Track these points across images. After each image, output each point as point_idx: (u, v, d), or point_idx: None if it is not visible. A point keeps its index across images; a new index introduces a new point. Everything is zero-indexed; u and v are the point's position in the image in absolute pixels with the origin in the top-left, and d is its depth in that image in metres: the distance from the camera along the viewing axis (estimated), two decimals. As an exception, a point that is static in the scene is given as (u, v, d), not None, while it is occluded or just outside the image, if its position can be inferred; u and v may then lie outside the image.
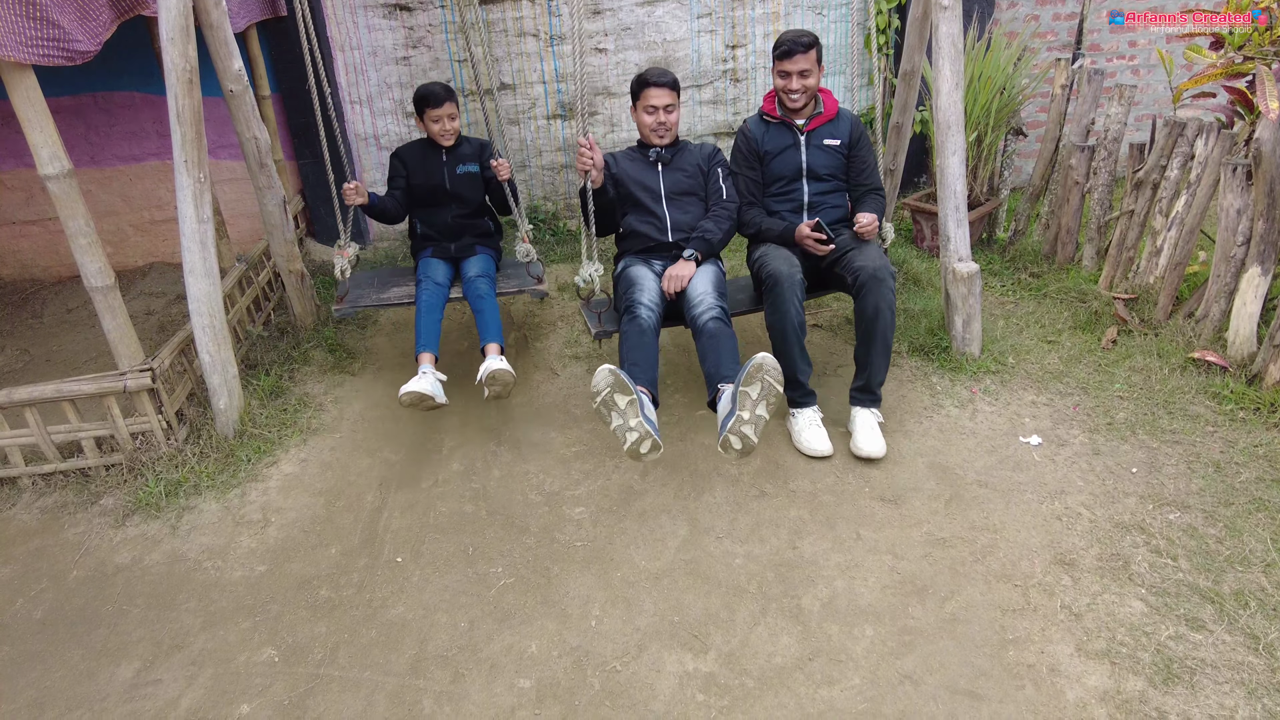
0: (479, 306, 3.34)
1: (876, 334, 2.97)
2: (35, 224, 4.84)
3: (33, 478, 3.11)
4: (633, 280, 3.08)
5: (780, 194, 3.29)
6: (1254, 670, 2.08)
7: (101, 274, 2.90)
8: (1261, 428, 2.96)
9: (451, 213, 3.58)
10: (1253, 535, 2.49)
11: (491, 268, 3.56)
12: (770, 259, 3.05)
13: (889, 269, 2.97)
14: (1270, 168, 3.04)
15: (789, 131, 3.25)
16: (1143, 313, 3.71)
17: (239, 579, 2.64)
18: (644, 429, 2.52)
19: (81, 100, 4.56)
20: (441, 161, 3.54)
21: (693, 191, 3.29)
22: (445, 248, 3.58)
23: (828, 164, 3.24)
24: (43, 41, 2.57)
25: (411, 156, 3.58)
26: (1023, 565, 2.48)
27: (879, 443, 2.96)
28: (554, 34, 4.85)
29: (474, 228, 3.64)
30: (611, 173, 3.24)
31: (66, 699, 2.24)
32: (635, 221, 3.27)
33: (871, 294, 2.93)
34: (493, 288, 3.43)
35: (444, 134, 3.47)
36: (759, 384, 2.49)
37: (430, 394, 2.98)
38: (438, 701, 2.17)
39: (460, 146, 3.57)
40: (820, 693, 2.12)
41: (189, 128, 2.93)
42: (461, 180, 3.56)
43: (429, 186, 3.55)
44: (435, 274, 3.44)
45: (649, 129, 3.20)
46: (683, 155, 3.31)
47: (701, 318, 2.89)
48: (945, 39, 3.37)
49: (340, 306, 3.46)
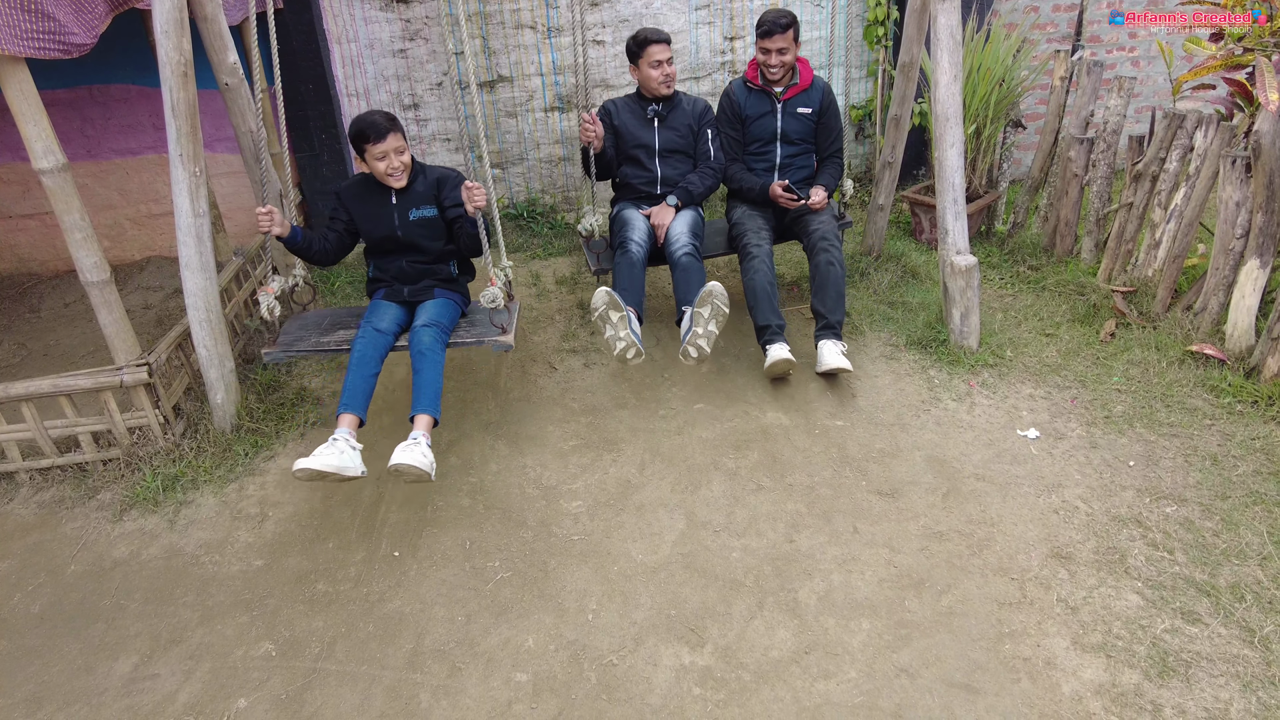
0: (417, 365, 2.85)
1: (829, 283, 3.41)
2: (32, 218, 4.83)
3: (30, 472, 3.11)
4: (625, 221, 3.56)
5: (756, 154, 3.72)
6: (1249, 663, 2.08)
7: (97, 268, 2.89)
8: (1259, 421, 2.96)
9: (406, 259, 3.12)
10: (1249, 529, 2.49)
11: (446, 315, 3.04)
12: (745, 229, 3.58)
13: (835, 232, 3.53)
14: (1270, 160, 3.03)
15: (767, 98, 3.63)
16: (1141, 306, 3.70)
17: (236, 573, 2.64)
18: (630, 339, 3.11)
19: (77, 93, 4.55)
20: (391, 204, 3.03)
21: (683, 150, 3.71)
22: (398, 290, 3.13)
23: (799, 130, 3.66)
24: (37, 34, 2.56)
25: (353, 199, 3.08)
26: (1019, 559, 2.48)
27: (840, 359, 3.27)
28: (551, 26, 4.83)
29: (433, 273, 3.16)
30: (613, 124, 3.66)
31: (64, 693, 2.24)
32: (630, 174, 3.72)
33: (822, 252, 3.45)
34: (440, 341, 2.93)
35: (391, 174, 2.94)
36: (709, 306, 3.12)
37: (335, 470, 2.54)
38: (435, 695, 2.17)
39: (413, 185, 3.04)
40: (817, 686, 2.12)
41: (184, 121, 2.91)
42: (415, 227, 3.05)
43: (377, 236, 3.09)
44: (379, 319, 2.98)
45: (657, 82, 3.53)
46: (677, 112, 3.67)
47: (677, 253, 3.41)
48: (944, 31, 3.35)
49: (271, 350, 3.04)
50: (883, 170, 4.19)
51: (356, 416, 2.77)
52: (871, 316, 3.88)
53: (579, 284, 4.43)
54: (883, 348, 3.65)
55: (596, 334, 3.92)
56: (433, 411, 2.78)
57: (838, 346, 3.33)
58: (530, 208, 5.23)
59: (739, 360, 3.62)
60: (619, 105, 3.69)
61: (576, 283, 4.44)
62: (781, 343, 3.33)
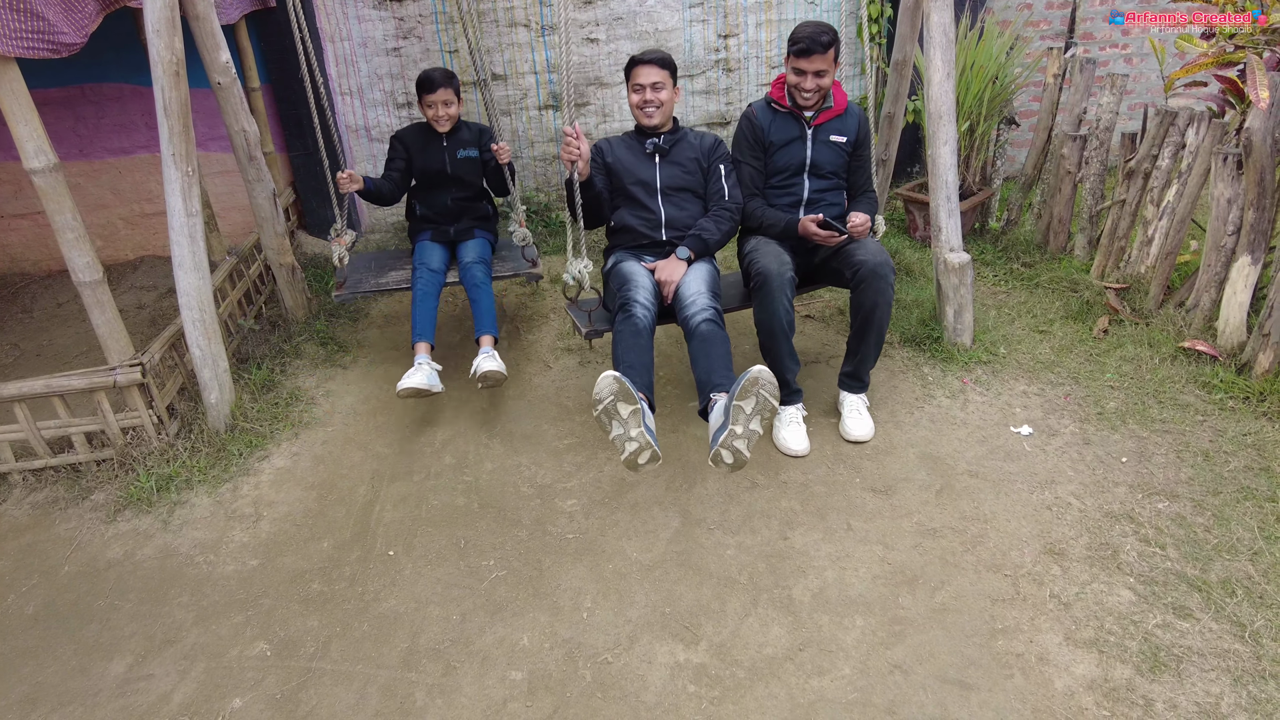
0: (474, 296, 3.39)
1: (873, 327, 2.98)
2: (24, 217, 4.81)
3: (23, 473, 3.10)
4: (626, 276, 2.93)
5: (780, 187, 3.17)
6: (1240, 658, 2.10)
7: (90, 268, 2.88)
8: (1250, 417, 2.97)
9: (451, 195, 3.65)
10: (1240, 524, 2.51)
11: (488, 252, 3.62)
12: (760, 255, 2.96)
13: (890, 265, 2.95)
14: (1261, 157, 3.04)
15: (796, 123, 3.11)
16: (1134, 302, 3.72)
17: (231, 573, 2.64)
18: (644, 439, 2.40)
19: (69, 92, 4.53)
20: (442, 146, 3.59)
21: (690, 188, 3.14)
22: (444, 231, 3.64)
23: (832, 161, 3.14)
24: (27, 34, 2.55)
25: (413, 140, 3.63)
26: (1013, 555, 2.49)
27: (868, 426, 3.06)
28: (545, 24, 4.83)
29: (472, 210, 3.71)
30: (605, 162, 3.12)
31: (58, 694, 2.24)
32: (628, 216, 3.13)
33: (871, 289, 2.92)
34: (488, 274, 3.49)
35: (439, 120, 3.51)
36: (754, 398, 2.36)
37: (426, 386, 3.07)
38: (430, 694, 2.17)
39: (459, 131, 3.61)
40: (811, 683, 2.13)
41: (176, 120, 2.91)
42: (461, 164, 3.62)
43: (429, 171, 3.61)
44: (430, 260, 3.48)
45: (636, 108, 3.07)
46: (681, 146, 3.14)
47: (694, 319, 2.76)
48: (937, 28, 3.36)
49: (340, 292, 3.49)
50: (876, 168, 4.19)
51: (428, 343, 3.25)
52: (866, 314, 3.89)
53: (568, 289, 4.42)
54: (877, 345, 3.66)
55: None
56: (494, 331, 3.33)
57: (863, 403, 3.10)
58: (524, 206, 5.22)
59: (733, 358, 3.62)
60: (611, 142, 3.18)
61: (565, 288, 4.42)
62: (799, 409, 3.04)
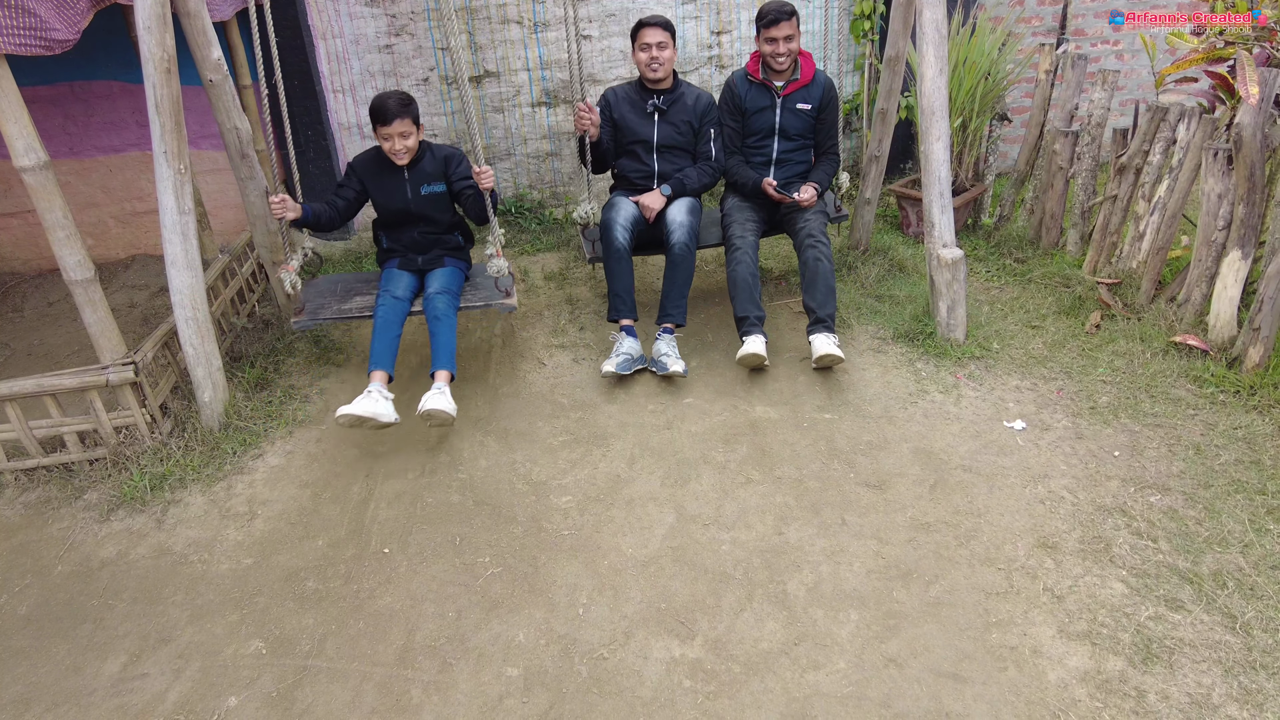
0: (433, 328, 3.21)
1: (818, 279, 3.45)
2: (14, 216, 4.78)
3: (15, 473, 3.09)
4: (614, 204, 3.63)
5: (754, 147, 3.77)
6: (1231, 649, 2.11)
7: (81, 267, 2.86)
8: (1241, 410, 2.99)
9: (417, 230, 3.42)
10: (1231, 516, 2.52)
11: (456, 283, 3.41)
12: (733, 221, 3.65)
13: (823, 228, 3.59)
14: (1251, 152, 3.06)
15: (767, 93, 3.67)
16: (1126, 297, 3.73)
17: (226, 572, 2.63)
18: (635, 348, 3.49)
19: (59, 90, 4.50)
20: (403, 179, 3.31)
21: (682, 146, 3.72)
22: (412, 259, 3.45)
23: (798, 126, 3.70)
24: (18, 30, 2.53)
25: (368, 171, 3.35)
26: (1006, 549, 2.50)
27: (834, 347, 3.29)
28: (538, 21, 4.82)
29: (443, 243, 3.49)
30: (612, 117, 3.67)
31: (53, 694, 2.23)
32: (627, 167, 3.75)
33: (810, 249, 3.51)
34: (452, 306, 3.29)
35: (395, 154, 3.21)
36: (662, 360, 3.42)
37: (371, 415, 2.91)
38: (426, 691, 2.17)
39: (421, 163, 3.31)
40: (806, 677, 2.14)
41: (168, 118, 2.89)
42: (425, 201, 3.35)
43: (389, 208, 3.37)
44: (395, 287, 3.29)
45: (644, 65, 3.56)
46: (678, 106, 3.65)
47: (672, 238, 3.53)
48: (929, 24, 3.37)
49: (298, 319, 3.35)
50: (869, 164, 4.21)
51: (386, 372, 3.14)
52: (859, 310, 3.90)
53: (567, 279, 4.43)
54: (870, 341, 3.67)
55: (586, 330, 3.94)
56: (450, 367, 3.17)
57: (830, 338, 3.35)
58: (518, 203, 5.22)
59: (728, 355, 3.63)
60: (619, 95, 3.70)
61: (565, 278, 4.44)
62: (758, 335, 3.38)
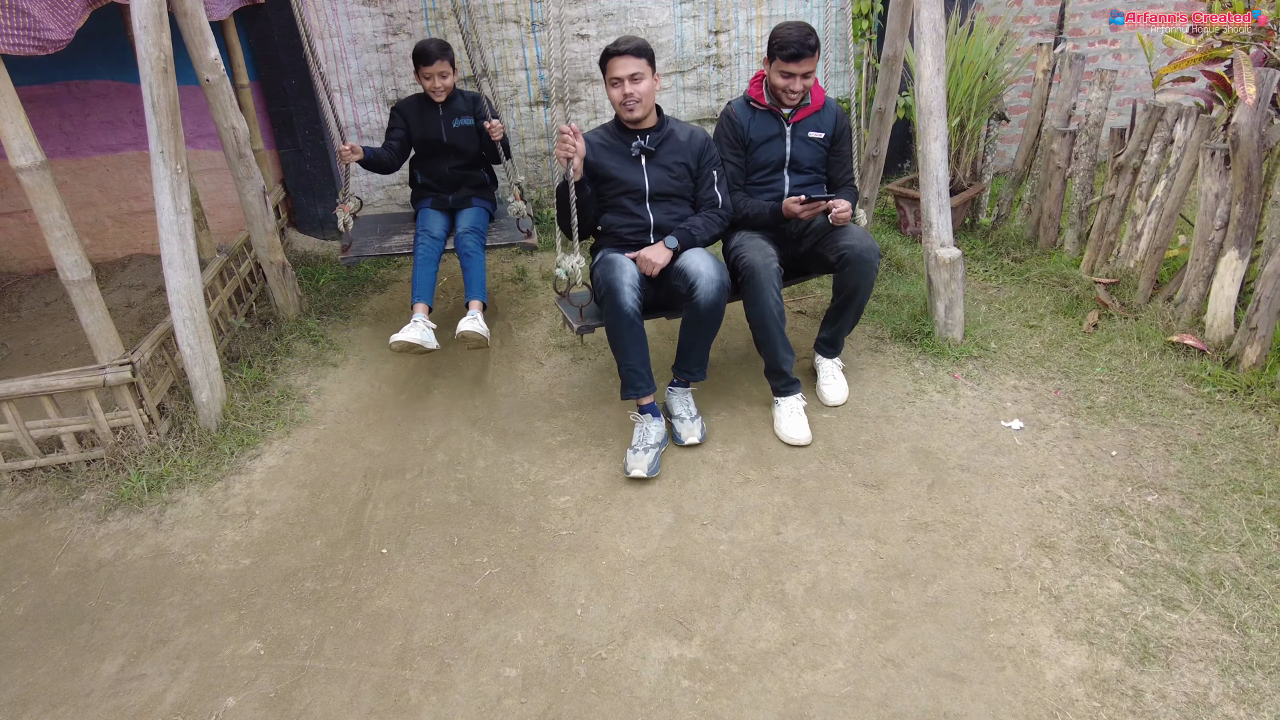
0: (466, 264, 3.55)
1: (853, 305, 3.16)
2: (11, 216, 4.77)
3: (12, 474, 3.08)
4: (611, 262, 2.90)
5: (761, 183, 3.25)
6: (1228, 648, 2.12)
7: (78, 267, 2.86)
8: (1238, 410, 3.00)
9: (449, 164, 3.82)
10: (1228, 516, 2.53)
11: (484, 221, 3.76)
12: (746, 250, 3.01)
13: (876, 250, 3.04)
14: (1247, 152, 3.06)
15: (774, 121, 3.19)
16: (1123, 297, 3.74)
17: (223, 572, 2.63)
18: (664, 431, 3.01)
19: (55, 89, 4.49)
20: (438, 116, 3.75)
21: (679, 193, 3.10)
22: (443, 199, 3.82)
23: (810, 156, 3.24)
24: (12, 30, 2.52)
25: (410, 111, 3.78)
26: (1004, 548, 2.50)
27: (843, 391, 3.23)
28: (535, 20, 4.81)
29: (471, 179, 3.89)
30: (588, 162, 2.97)
31: (50, 695, 2.23)
32: (616, 223, 3.09)
33: (856, 272, 3.02)
34: (481, 243, 3.63)
35: (435, 91, 3.66)
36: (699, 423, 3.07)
37: (419, 341, 3.26)
38: (424, 691, 2.17)
39: (454, 101, 3.76)
40: (804, 677, 2.14)
41: (164, 117, 2.89)
42: (457, 134, 3.78)
43: (428, 140, 3.78)
44: (431, 227, 3.65)
45: (617, 104, 2.94)
46: (668, 147, 3.04)
47: (698, 290, 2.81)
48: (927, 24, 3.37)
49: (346, 255, 3.68)
50: (867, 163, 4.21)
51: (426, 304, 3.45)
52: (857, 309, 3.90)
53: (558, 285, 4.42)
54: (868, 340, 3.67)
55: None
56: (481, 297, 3.49)
57: (838, 366, 3.29)
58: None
59: (725, 355, 3.63)
60: (593, 142, 3.02)
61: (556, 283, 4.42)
62: (799, 398, 3.07)
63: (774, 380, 3.10)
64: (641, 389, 2.95)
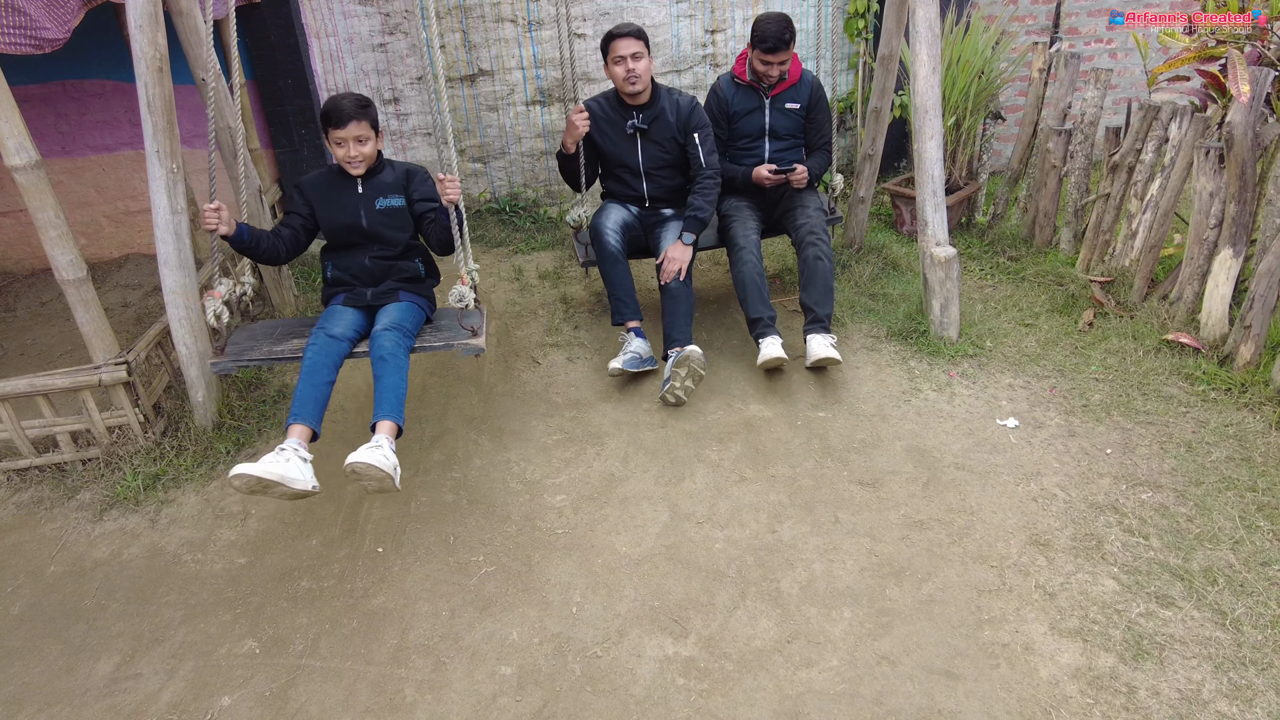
0: (378, 370, 2.66)
1: (817, 278, 3.43)
2: (7, 215, 4.76)
3: (7, 473, 3.08)
4: (603, 209, 3.56)
5: (745, 150, 3.71)
6: (1221, 645, 2.12)
7: (73, 266, 2.85)
8: (1232, 408, 3.00)
9: (368, 255, 2.97)
10: (1222, 513, 2.54)
11: (409, 318, 2.87)
12: (733, 223, 3.57)
13: (824, 226, 3.53)
14: (1242, 151, 3.07)
15: (755, 95, 3.62)
16: (1119, 295, 3.75)
17: (219, 571, 2.63)
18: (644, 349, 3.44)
19: (50, 88, 4.48)
20: (357, 194, 2.93)
21: (670, 164, 3.56)
22: (360, 294, 2.96)
23: (788, 125, 3.67)
24: (8, 29, 2.52)
25: (316, 188, 2.97)
26: (999, 546, 2.51)
27: (830, 350, 3.27)
28: (532, 19, 4.81)
29: (398, 271, 3.00)
30: (591, 134, 3.49)
31: (45, 694, 2.23)
32: (616, 188, 3.66)
33: (810, 246, 3.47)
34: (402, 346, 2.75)
35: (349, 161, 2.85)
36: (686, 368, 3.23)
37: (277, 479, 2.33)
38: (420, 690, 2.17)
39: (379, 174, 2.95)
40: (799, 674, 2.14)
41: (160, 117, 2.89)
42: (380, 217, 2.94)
43: (340, 225, 2.95)
44: (333, 325, 2.78)
45: (620, 80, 3.35)
46: (660, 124, 3.46)
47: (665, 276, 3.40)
48: (923, 23, 3.37)
49: (218, 360, 2.84)
50: (863, 162, 4.21)
51: (309, 428, 2.54)
52: (852, 308, 3.91)
53: (562, 278, 4.43)
54: (864, 339, 3.68)
55: (580, 329, 3.94)
56: (395, 418, 2.56)
57: (827, 339, 3.33)
58: (512, 202, 5.22)
59: (721, 353, 3.63)
60: (597, 111, 3.49)
61: (560, 277, 4.44)
62: (774, 336, 3.32)
63: (753, 329, 3.43)
64: (627, 314, 3.46)
